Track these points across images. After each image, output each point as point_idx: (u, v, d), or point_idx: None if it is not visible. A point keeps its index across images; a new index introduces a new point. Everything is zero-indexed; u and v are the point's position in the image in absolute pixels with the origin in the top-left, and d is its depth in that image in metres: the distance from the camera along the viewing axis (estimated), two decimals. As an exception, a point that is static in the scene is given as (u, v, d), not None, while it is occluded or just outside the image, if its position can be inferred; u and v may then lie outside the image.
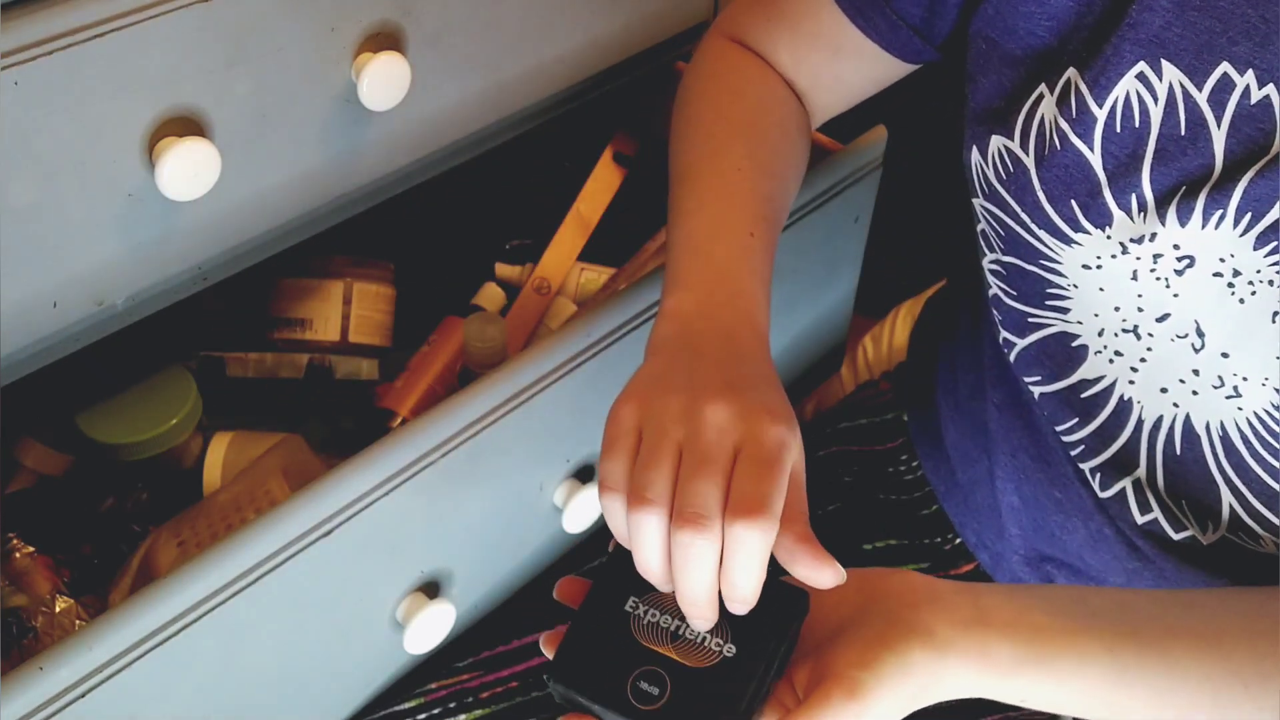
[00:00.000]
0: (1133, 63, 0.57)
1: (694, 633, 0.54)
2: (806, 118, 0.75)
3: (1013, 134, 0.63)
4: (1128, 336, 0.64)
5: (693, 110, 0.71)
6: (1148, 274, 0.60)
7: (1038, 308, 0.68)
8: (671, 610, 0.54)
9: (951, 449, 0.84)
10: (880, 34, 0.69)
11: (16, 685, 0.53)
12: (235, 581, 0.60)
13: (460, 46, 0.73)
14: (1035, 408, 0.73)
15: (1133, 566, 0.73)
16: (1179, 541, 0.69)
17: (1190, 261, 0.59)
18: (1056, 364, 0.69)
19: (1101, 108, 0.59)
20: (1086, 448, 0.71)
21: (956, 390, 0.83)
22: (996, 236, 0.67)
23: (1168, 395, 0.64)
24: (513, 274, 0.97)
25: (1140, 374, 0.65)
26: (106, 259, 0.62)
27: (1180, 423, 0.64)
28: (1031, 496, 0.77)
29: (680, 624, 0.54)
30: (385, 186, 0.76)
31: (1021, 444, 0.76)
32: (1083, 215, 0.61)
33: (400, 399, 0.88)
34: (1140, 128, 0.58)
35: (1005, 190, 0.64)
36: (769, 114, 0.71)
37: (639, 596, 0.55)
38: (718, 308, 0.58)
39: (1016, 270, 0.67)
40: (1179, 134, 0.57)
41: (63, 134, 0.57)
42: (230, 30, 0.61)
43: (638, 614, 0.54)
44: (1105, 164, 0.59)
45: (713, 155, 0.67)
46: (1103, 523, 0.73)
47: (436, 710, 0.75)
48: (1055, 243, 0.63)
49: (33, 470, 0.80)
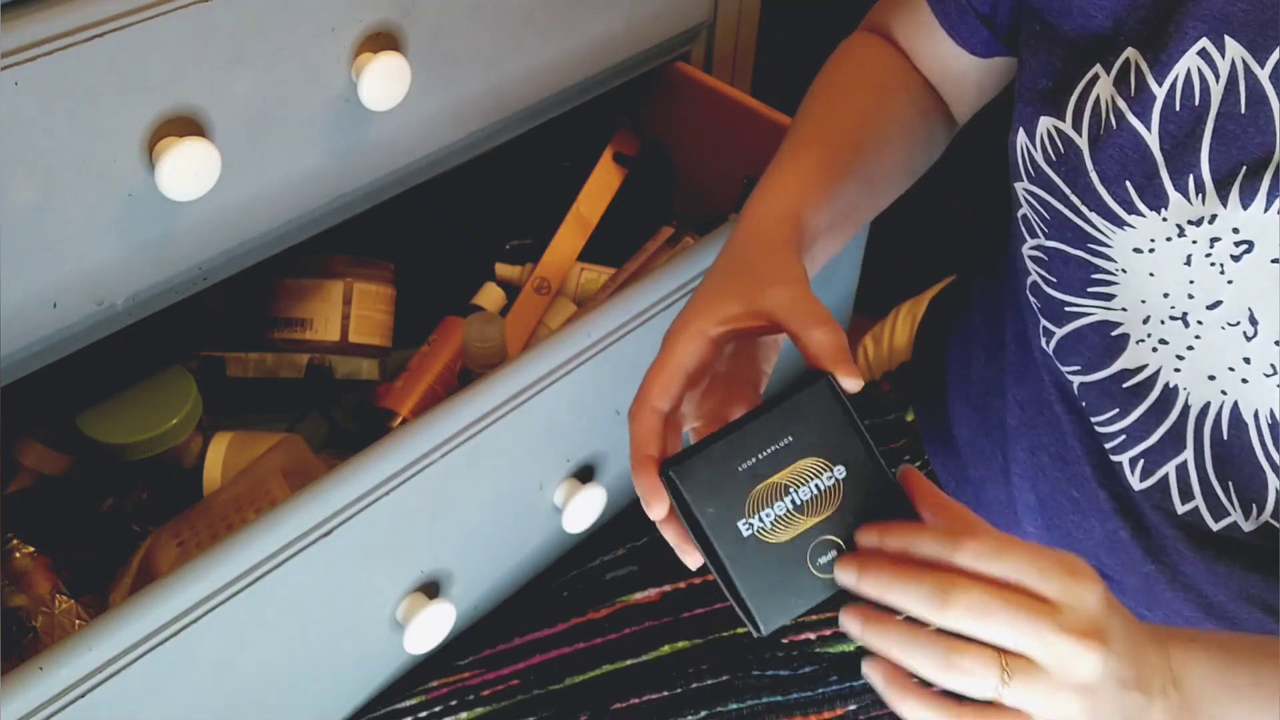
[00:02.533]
0: (1195, 39, 0.57)
1: (805, 491, 0.54)
2: (924, 84, 0.76)
3: (1064, 115, 0.63)
4: (1175, 324, 0.63)
5: (812, 85, 0.75)
6: (1202, 259, 0.60)
7: (1078, 295, 0.68)
8: (774, 497, 0.54)
9: (964, 446, 0.84)
10: (951, 22, 0.71)
11: (16, 685, 0.53)
12: (235, 581, 0.60)
13: (460, 46, 0.73)
14: (1060, 404, 0.73)
15: (1148, 570, 0.72)
16: (1217, 533, 0.68)
17: (1249, 246, 0.58)
18: (1096, 353, 0.69)
19: (1161, 86, 0.58)
20: (1128, 437, 0.70)
21: (969, 387, 0.83)
22: (1041, 221, 0.67)
23: (1215, 383, 0.64)
24: (513, 274, 0.97)
25: (1186, 362, 0.64)
26: (106, 259, 0.62)
27: (1228, 410, 0.64)
28: (1049, 495, 0.77)
29: (790, 498, 0.54)
30: (385, 186, 0.76)
31: (1041, 442, 0.76)
32: (1138, 197, 0.61)
33: (400, 399, 0.88)
34: (1200, 106, 0.58)
35: (1055, 172, 0.64)
36: (862, 77, 0.74)
37: (742, 517, 0.54)
38: (763, 218, 0.63)
39: (1059, 255, 0.67)
40: (1239, 112, 0.57)
41: (63, 134, 0.57)
42: (230, 30, 0.61)
43: (757, 527, 0.54)
44: (1163, 143, 0.59)
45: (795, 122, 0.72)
46: (1119, 525, 0.73)
47: (437, 708, 0.75)
48: (1107, 225, 0.63)
49: (33, 470, 0.80)
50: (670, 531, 0.56)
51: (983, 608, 0.49)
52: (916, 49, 0.76)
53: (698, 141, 0.99)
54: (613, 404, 0.77)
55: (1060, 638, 0.49)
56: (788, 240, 0.62)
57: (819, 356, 0.55)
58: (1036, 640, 0.49)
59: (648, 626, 0.81)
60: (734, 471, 0.54)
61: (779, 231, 0.62)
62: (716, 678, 0.78)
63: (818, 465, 0.54)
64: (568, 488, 0.77)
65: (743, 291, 0.58)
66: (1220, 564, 0.69)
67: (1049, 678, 0.49)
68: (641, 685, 0.78)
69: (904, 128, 0.73)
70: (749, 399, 0.61)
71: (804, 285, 0.59)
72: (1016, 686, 0.49)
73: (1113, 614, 0.51)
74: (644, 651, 0.80)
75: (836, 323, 0.56)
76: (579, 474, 0.78)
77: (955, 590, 0.49)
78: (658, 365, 0.57)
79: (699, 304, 0.59)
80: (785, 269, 0.60)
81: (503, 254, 0.98)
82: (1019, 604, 0.49)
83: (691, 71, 0.96)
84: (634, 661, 0.79)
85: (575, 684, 0.78)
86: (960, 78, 0.75)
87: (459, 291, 0.96)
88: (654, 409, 0.56)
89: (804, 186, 0.66)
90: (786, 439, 0.54)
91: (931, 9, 0.72)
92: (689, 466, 0.54)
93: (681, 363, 0.57)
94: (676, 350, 0.57)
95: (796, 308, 0.57)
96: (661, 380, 0.57)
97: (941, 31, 0.73)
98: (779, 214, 0.64)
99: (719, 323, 0.57)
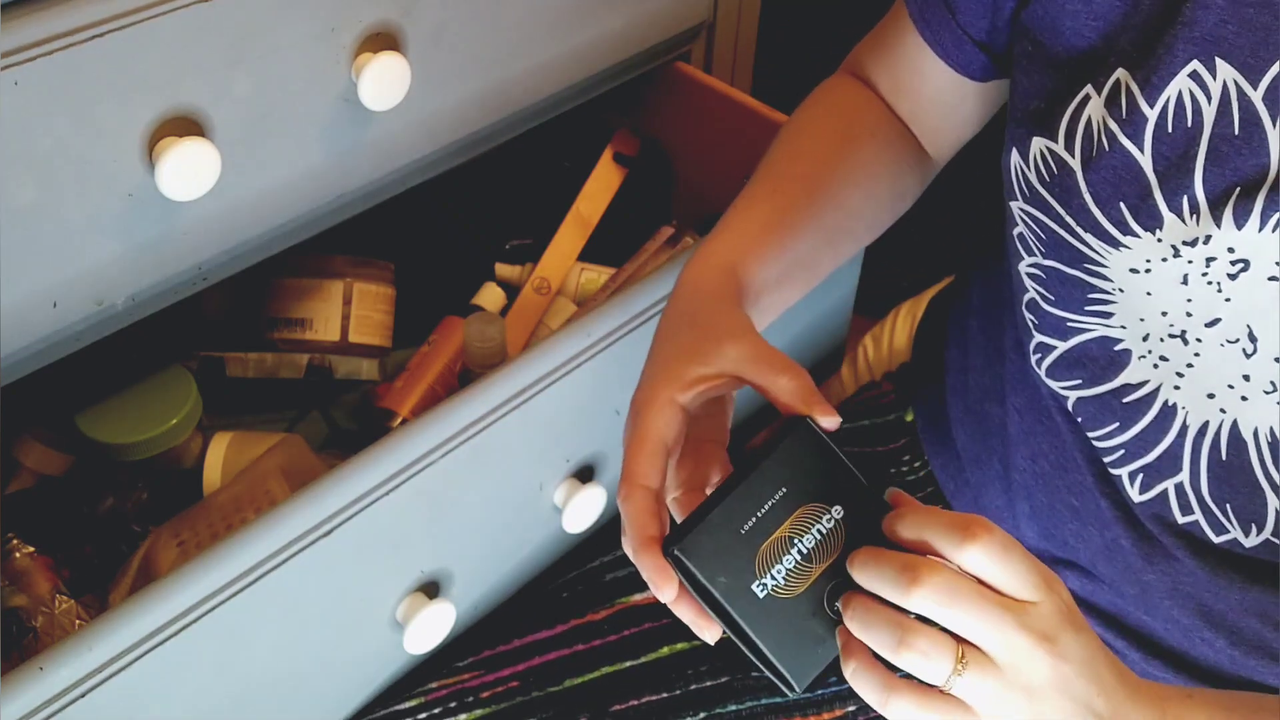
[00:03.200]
0: (1186, 61, 0.57)
1: (808, 539, 0.54)
2: (900, 131, 0.76)
3: (1056, 136, 0.62)
4: (1174, 342, 0.63)
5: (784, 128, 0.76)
6: (1199, 278, 0.60)
7: (1077, 313, 0.67)
8: (781, 553, 0.54)
9: (962, 449, 0.84)
10: (947, 50, 0.71)
11: (16, 685, 0.53)
12: (235, 581, 0.60)
13: (460, 46, 0.73)
14: (1060, 413, 0.73)
15: (1149, 579, 0.72)
16: (1218, 545, 0.68)
17: (1245, 265, 0.58)
18: (1098, 368, 0.68)
19: (1153, 108, 0.58)
20: (1126, 452, 0.69)
21: (967, 393, 0.83)
22: (1037, 240, 0.67)
23: (1214, 401, 0.63)
24: (513, 274, 0.97)
25: (1186, 380, 0.64)
26: (106, 259, 0.62)
27: (1227, 429, 0.64)
28: (1047, 503, 0.76)
29: (796, 550, 0.54)
30: (385, 186, 0.76)
31: (1042, 449, 0.76)
32: (1132, 218, 0.60)
33: (400, 399, 0.88)
34: (1193, 127, 0.57)
35: (1048, 193, 0.64)
36: (829, 124, 0.74)
37: (754, 578, 0.53)
38: (701, 272, 0.64)
39: (1056, 274, 0.67)
40: (1232, 134, 0.56)
41: (63, 134, 0.57)
42: (230, 30, 0.61)
43: (770, 587, 0.54)
44: (1156, 165, 0.59)
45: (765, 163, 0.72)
46: (1120, 533, 0.72)
47: (437, 710, 0.75)
48: (1102, 246, 0.62)
49: (33, 470, 0.80)
50: (684, 609, 0.55)
51: (949, 592, 0.49)
52: (902, 85, 0.75)
53: (698, 141, 0.98)
54: (613, 404, 0.77)
55: (1020, 635, 0.49)
56: (730, 294, 0.62)
57: (791, 404, 0.55)
58: (997, 633, 0.49)
59: (647, 628, 0.81)
60: (737, 535, 0.53)
61: (720, 285, 0.62)
62: (716, 679, 0.78)
63: (816, 510, 0.54)
64: (568, 488, 0.77)
65: (696, 351, 0.58)
66: (1221, 574, 0.69)
67: (1001, 675, 0.49)
68: (641, 687, 0.78)
69: (868, 176, 0.73)
70: (719, 458, 0.61)
71: (754, 336, 0.59)
72: (969, 677, 0.49)
73: (1075, 632, 0.51)
74: (643, 653, 0.80)
75: (798, 365, 0.56)
76: (579, 474, 0.78)
77: (924, 571, 0.49)
78: (637, 442, 0.56)
79: (658, 372, 0.58)
80: (731, 322, 0.60)
81: (503, 254, 0.98)
82: (987, 595, 0.50)
83: (691, 71, 0.96)
84: (633, 663, 0.79)
85: (575, 685, 0.78)
86: (957, 105, 0.75)
87: (459, 291, 0.96)
88: (645, 488, 0.55)
89: (749, 240, 0.66)
90: (780, 491, 0.54)
91: (925, 40, 0.71)
92: (693, 542, 0.53)
93: (660, 436, 0.56)
94: (652, 424, 0.56)
95: (756, 361, 0.57)
96: (644, 457, 0.55)
97: (934, 62, 0.72)
98: (720, 268, 0.64)
99: (685, 387, 0.57)
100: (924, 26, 0.71)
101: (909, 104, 0.76)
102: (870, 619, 0.51)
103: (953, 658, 0.49)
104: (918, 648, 0.49)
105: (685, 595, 0.54)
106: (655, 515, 0.54)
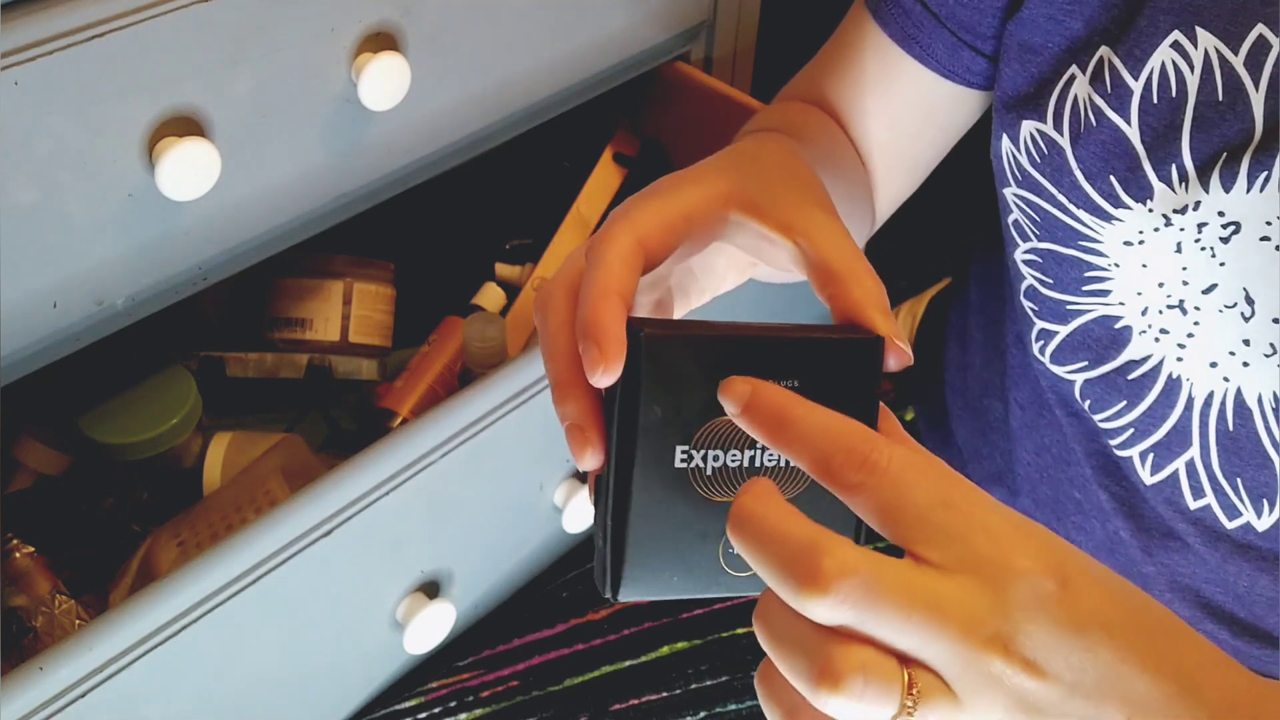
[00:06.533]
0: (1167, 32, 0.57)
1: (772, 456, 0.41)
2: (860, 164, 0.71)
3: (1045, 117, 0.63)
4: (1173, 312, 0.63)
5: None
6: (1192, 245, 0.60)
7: (1075, 294, 0.68)
8: (736, 440, 0.41)
9: (963, 446, 0.84)
10: (940, 61, 0.67)
11: (16, 685, 0.53)
12: (235, 581, 0.60)
13: (460, 46, 0.73)
14: (1060, 406, 0.73)
15: (1148, 571, 0.72)
16: (1230, 532, 0.68)
17: (1236, 228, 0.58)
18: (1101, 348, 0.68)
19: (1137, 80, 0.59)
20: (1135, 431, 0.69)
21: (967, 389, 0.83)
22: (1031, 224, 0.67)
23: (1217, 370, 0.64)
24: (513, 274, 0.97)
25: (1188, 350, 0.64)
26: (106, 259, 0.62)
27: (1231, 397, 0.64)
28: (1051, 496, 0.77)
29: (753, 453, 0.41)
30: (385, 186, 0.76)
31: (1045, 443, 0.76)
32: (1123, 190, 0.61)
33: (400, 399, 0.88)
34: (1177, 97, 0.58)
35: (1040, 174, 0.64)
36: (806, 112, 0.70)
37: (687, 443, 0.40)
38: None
39: (1053, 257, 0.67)
40: (1217, 100, 0.57)
41: (63, 134, 0.57)
42: (230, 30, 0.61)
43: (695, 465, 0.40)
44: (1143, 136, 0.59)
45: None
46: (1120, 525, 0.73)
47: (437, 709, 0.75)
48: (1096, 221, 0.63)
49: (33, 470, 0.80)
50: (582, 408, 0.40)
51: (866, 591, 0.33)
52: (870, 107, 0.70)
53: (698, 141, 0.98)
54: (613, 404, 0.77)
55: (968, 645, 0.34)
56: (810, 175, 0.50)
57: (874, 319, 0.42)
58: (942, 643, 0.34)
59: (647, 627, 0.81)
60: (710, 373, 0.39)
61: (798, 160, 0.51)
62: (715, 678, 0.79)
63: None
64: (568, 488, 0.77)
65: (776, 196, 0.44)
66: (1231, 563, 0.69)
67: (960, 708, 0.34)
68: (641, 686, 0.78)
69: (851, 164, 0.70)
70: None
71: (843, 224, 0.46)
72: (928, 717, 0.34)
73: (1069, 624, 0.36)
74: (643, 652, 0.80)
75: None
76: (579, 474, 0.78)
77: (825, 562, 0.33)
78: (657, 202, 0.42)
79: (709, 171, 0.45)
80: (821, 195, 0.47)
81: (503, 254, 0.98)
82: (926, 584, 0.35)
83: (691, 71, 0.96)
84: (633, 662, 0.79)
85: (574, 685, 0.78)
86: (951, 112, 0.71)
87: (459, 291, 0.96)
88: (636, 238, 0.41)
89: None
90: (791, 382, 0.40)
91: (917, 58, 0.68)
92: (667, 340, 0.39)
93: (686, 207, 0.42)
94: (684, 193, 0.43)
95: (845, 245, 0.43)
96: (655, 211, 0.41)
97: (922, 74, 0.69)
98: (789, 147, 0.54)
99: (740, 201, 0.43)
100: (910, 44, 0.68)
101: (889, 119, 0.70)
102: (774, 629, 0.35)
103: (899, 690, 0.33)
104: (845, 684, 0.33)
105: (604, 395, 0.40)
106: (634, 272, 0.40)
